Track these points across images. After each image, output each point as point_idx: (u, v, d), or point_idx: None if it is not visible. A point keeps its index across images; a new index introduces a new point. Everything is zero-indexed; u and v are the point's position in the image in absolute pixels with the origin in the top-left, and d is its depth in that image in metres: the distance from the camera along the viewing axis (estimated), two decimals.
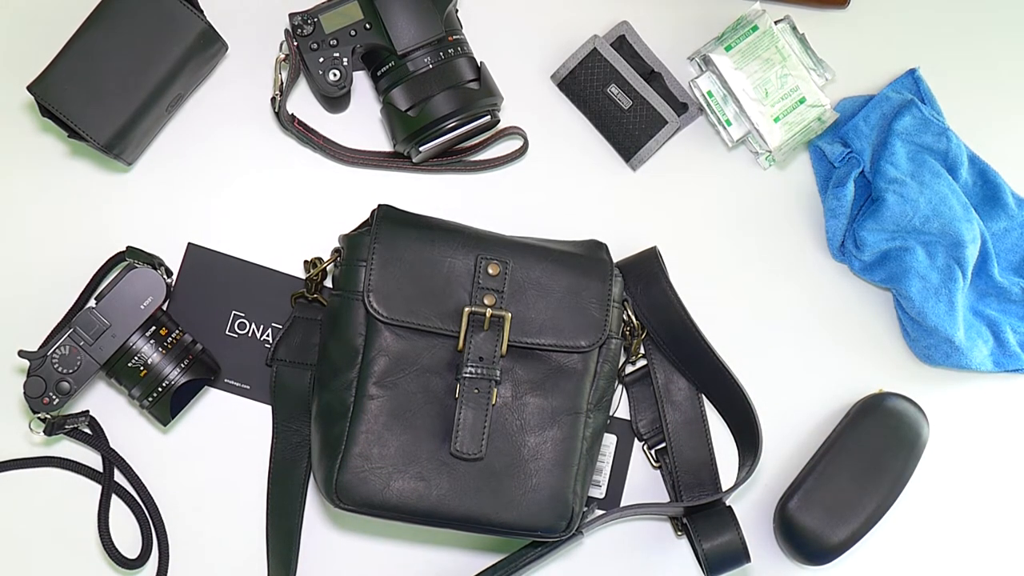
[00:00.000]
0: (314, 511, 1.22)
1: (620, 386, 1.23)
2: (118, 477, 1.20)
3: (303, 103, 1.24)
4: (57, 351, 1.10)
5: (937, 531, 1.27)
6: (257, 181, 1.23)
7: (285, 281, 1.22)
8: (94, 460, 1.21)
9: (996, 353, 1.26)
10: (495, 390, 1.10)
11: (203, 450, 1.21)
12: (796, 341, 1.26)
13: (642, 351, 1.22)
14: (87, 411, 1.18)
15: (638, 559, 1.24)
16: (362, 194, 1.24)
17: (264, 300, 1.21)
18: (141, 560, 1.19)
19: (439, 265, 1.10)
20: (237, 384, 1.21)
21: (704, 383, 1.22)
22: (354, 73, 1.21)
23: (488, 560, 1.21)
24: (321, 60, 1.15)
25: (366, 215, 1.17)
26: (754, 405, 1.19)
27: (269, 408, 1.21)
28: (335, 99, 1.19)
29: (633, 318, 1.19)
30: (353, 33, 1.16)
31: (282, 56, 1.17)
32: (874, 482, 1.20)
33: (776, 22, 1.23)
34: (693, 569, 1.24)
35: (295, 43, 1.16)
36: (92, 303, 1.14)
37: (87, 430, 1.19)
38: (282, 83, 1.17)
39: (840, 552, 1.20)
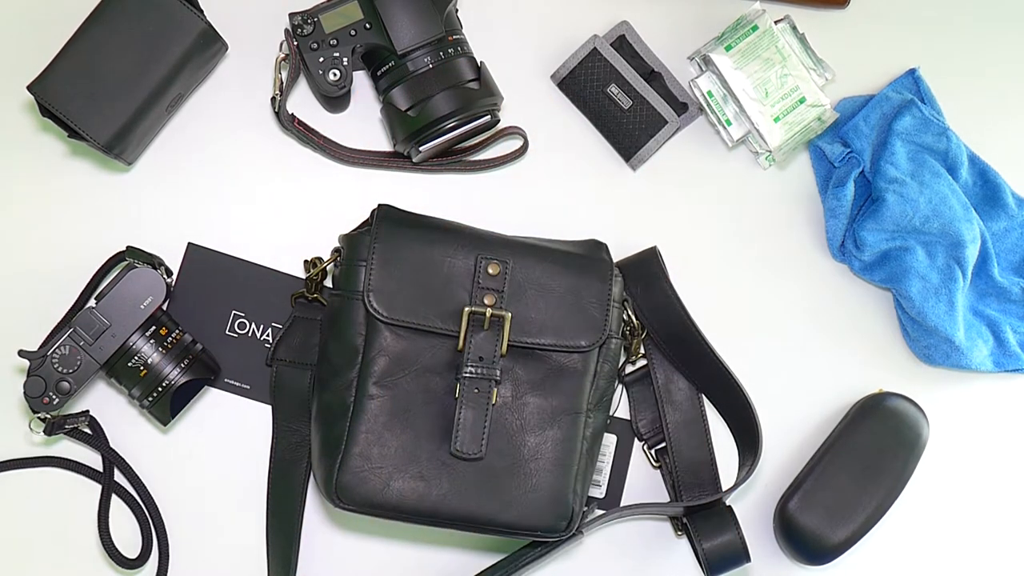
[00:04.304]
0: (314, 511, 1.22)
1: (620, 386, 1.23)
2: (118, 477, 1.20)
3: (303, 103, 1.24)
4: (57, 351, 1.10)
5: (937, 531, 1.27)
6: (257, 181, 1.23)
7: (285, 281, 1.22)
8: (94, 460, 1.21)
9: (996, 353, 1.26)
10: (495, 390, 1.10)
11: (203, 450, 1.21)
12: (796, 341, 1.26)
13: (642, 351, 1.22)
14: (87, 411, 1.18)
15: (638, 559, 1.24)
16: (362, 194, 1.24)
17: (264, 300, 1.21)
18: (141, 560, 1.19)
19: (439, 265, 1.10)
20: (237, 384, 1.21)
21: (704, 383, 1.22)
22: (354, 73, 1.21)
23: (488, 560, 1.21)
24: (321, 60, 1.15)
25: (366, 215, 1.17)
26: (754, 405, 1.19)
27: (269, 408, 1.21)
28: (335, 99, 1.19)
29: (633, 318, 1.19)
30: (353, 33, 1.16)
31: (282, 56, 1.17)
32: (874, 482, 1.20)
33: (776, 22, 1.23)
34: (693, 569, 1.24)
35: (295, 43, 1.16)
36: (92, 303, 1.14)
37: (87, 430, 1.19)
38: (282, 83, 1.17)
39: (840, 552, 1.20)
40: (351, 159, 1.23)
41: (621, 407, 1.24)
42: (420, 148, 1.18)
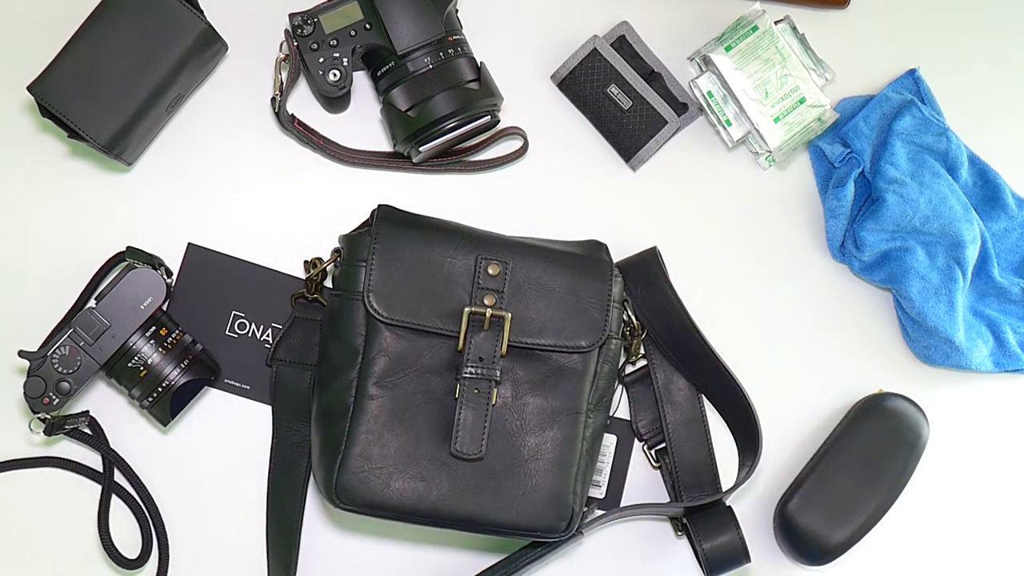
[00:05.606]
0: (314, 511, 1.22)
1: (620, 386, 1.23)
2: (118, 477, 1.20)
3: (303, 103, 1.24)
4: (57, 351, 1.10)
5: (937, 531, 1.27)
6: (257, 181, 1.23)
7: (285, 281, 1.22)
8: (94, 460, 1.21)
9: (996, 353, 1.26)
10: (495, 390, 1.10)
11: (203, 450, 1.21)
12: (796, 341, 1.26)
13: (642, 351, 1.22)
14: (87, 411, 1.18)
15: (638, 559, 1.24)
16: (362, 194, 1.24)
17: (264, 300, 1.21)
18: (141, 560, 1.19)
19: (439, 265, 1.10)
20: (237, 384, 1.21)
21: (704, 383, 1.22)
22: (354, 73, 1.21)
23: (488, 560, 1.21)
24: (321, 60, 1.15)
25: (366, 215, 1.17)
26: (754, 405, 1.19)
27: (269, 408, 1.21)
28: (335, 99, 1.19)
29: (633, 318, 1.19)
30: (353, 33, 1.16)
31: (282, 56, 1.17)
32: (874, 482, 1.20)
33: (776, 22, 1.23)
34: (693, 569, 1.24)
35: (295, 43, 1.16)
36: (92, 303, 1.14)
37: (87, 430, 1.19)
38: (282, 83, 1.17)
39: (840, 552, 1.20)
40: (351, 159, 1.23)
41: (621, 407, 1.24)
42: (420, 148, 1.18)
